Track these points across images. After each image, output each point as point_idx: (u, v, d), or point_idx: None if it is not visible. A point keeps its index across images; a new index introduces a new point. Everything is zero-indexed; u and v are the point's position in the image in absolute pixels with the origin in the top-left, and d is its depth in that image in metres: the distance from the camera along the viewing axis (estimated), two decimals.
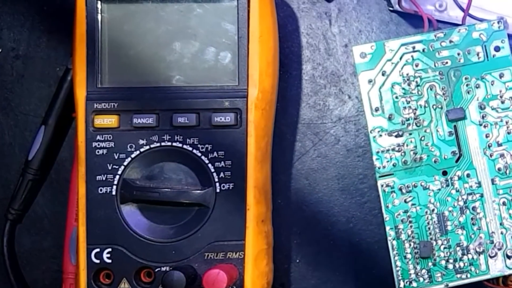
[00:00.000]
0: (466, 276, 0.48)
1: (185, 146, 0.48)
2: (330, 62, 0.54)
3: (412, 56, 0.50)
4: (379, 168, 0.49)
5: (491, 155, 0.49)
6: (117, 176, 0.48)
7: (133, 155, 0.48)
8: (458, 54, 0.49)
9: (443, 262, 0.48)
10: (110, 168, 0.48)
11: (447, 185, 0.49)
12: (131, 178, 0.48)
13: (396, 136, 0.49)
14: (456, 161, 0.49)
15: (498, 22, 0.49)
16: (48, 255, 0.54)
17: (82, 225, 0.48)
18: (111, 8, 0.49)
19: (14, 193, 0.53)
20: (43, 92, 0.55)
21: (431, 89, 0.49)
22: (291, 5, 0.54)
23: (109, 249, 0.48)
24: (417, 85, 0.49)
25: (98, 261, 0.48)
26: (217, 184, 0.48)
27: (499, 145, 0.49)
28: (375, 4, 0.54)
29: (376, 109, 0.49)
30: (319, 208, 0.53)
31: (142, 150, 0.48)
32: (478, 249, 0.48)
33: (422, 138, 0.49)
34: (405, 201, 0.49)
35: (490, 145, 0.49)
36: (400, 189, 0.49)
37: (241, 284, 0.48)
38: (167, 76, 0.48)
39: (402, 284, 0.48)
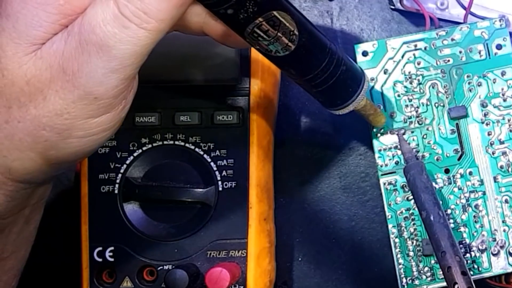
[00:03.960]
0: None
1: (187, 145, 0.48)
2: None
3: (414, 54, 0.50)
4: (381, 166, 0.49)
5: (493, 153, 0.49)
6: (120, 175, 0.48)
7: (135, 154, 0.48)
8: (460, 52, 0.49)
9: None
10: (112, 166, 0.48)
11: (450, 183, 0.49)
12: (134, 177, 0.48)
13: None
14: (458, 159, 0.49)
15: (500, 20, 0.49)
16: (51, 253, 0.54)
17: (85, 224, 0.48)
18: None
19: None
20: None
21: (433, 87, 0.49)
22: (293, 4, 0.54)
23: (112, 248, 0.48)
24: (419, 83, 0.49)
25: (100, 260, 0.48)
26: (220, 182, 0.48)
27: (501, 143, 0.49)
28: (376, 3, 0.54)
29: (378, 107, 0.49)
30: (321, 206, 0.53)
31: (144, 148, 0.48)
32: (480, 247, 0.48)
33: (424, 136, 0.49)
34: (407, 199, 0.49)
35: (492, 143, 0.49)
36: (403, 187, 0.49)
37: (243, 282, 0.48)
38: (169, 75, 0.48)
39: (404, 282, 0.48)
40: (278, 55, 0.37)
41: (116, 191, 0.48)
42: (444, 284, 0.48)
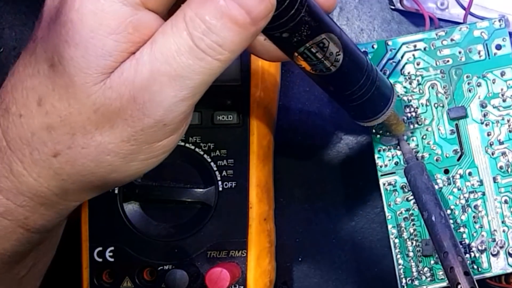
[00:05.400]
0: None
1: (187, 145, 0.48)
2: None
3: (413, 55, 0.50)
4: (381, 166, 0.49)
5: (492, 154, 0.49)
6: None
7: None
8: (460, 52, 0.49)
9: None
10: None
11: (449, 184, 0.49)
12: None
13: None
14: (458, 160, 0.49)
15: (499, 21, 0.49)
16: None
17: (85, 224, 0.48)
18: None
19: None
20: None
21: (432, 88, 0.49)
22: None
23: (112, 248, 0.48)
24: (419, 84, 0.49)
25: (100, 260, 0.48)
26: (220, 182, 0.48)
27: (501, 143, 0.49)
28: (376, 3, 0.54)
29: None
30: (321, 206, 0.53)
31: None
32: (480, 247, 0.48)
33: (424, 137, 0.49)
34: (407, 199, 0.49)
35: (491, 143, 0.49)
36: (402, 188, 0.49)
37: (243, 283, 0.48)
38: None
39: (404, 282, 0.48)
40: (321, 74, 0.39)
41: (116, 191, 0.48)
42: (444, 284, 0.48)
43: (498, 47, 0.49)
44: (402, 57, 0.50)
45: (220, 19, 0.31)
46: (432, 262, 0.48)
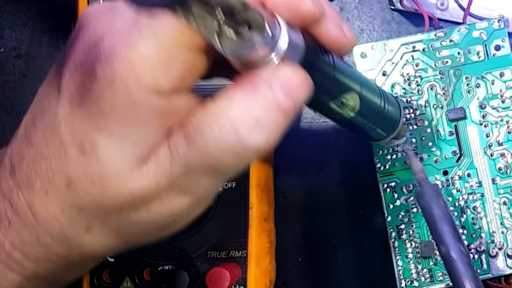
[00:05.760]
0: None
1: None
2: None
3: (412, 56, 0.50)
4: (380, 167, 0.49)
5: (491, 155, 0.49)
6: None
7: None
8: (459, 53, 0.49)
9: None
10: None
11: (448, 185, 0.49)
12: None
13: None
14: (457, 161, 0.49)
15: (498, 21, 0.49)
16: None
17: None
18: None
19: None
20: None
21: (431, 89, 0.49)
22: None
23: None
24: (418, 85, 0.49)
25: (100, 260, 0.48)
26: None
27: (500, 144, 0.49)
28: (376, 3, 0.54)
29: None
30: (321, 206, 0.53)
31: None
32: (479, 249, 0.48)
33: (423, 138, 0.49)
34: (406, 200, 0.49)
35: (490, 144, 0.49)
36: (401, 189, 0.49)
37: (243, 283, 0.48)
38: None
39: (403, 284, 0.48)
40: (334, 120, 0.40)
41: None
42: (443, 285, 0.48)
43: (497, 47, 0.49)
44: (401, 58, 0.50)
45: (272, 113, 0.30)
46: (431, 263, 0.48)
